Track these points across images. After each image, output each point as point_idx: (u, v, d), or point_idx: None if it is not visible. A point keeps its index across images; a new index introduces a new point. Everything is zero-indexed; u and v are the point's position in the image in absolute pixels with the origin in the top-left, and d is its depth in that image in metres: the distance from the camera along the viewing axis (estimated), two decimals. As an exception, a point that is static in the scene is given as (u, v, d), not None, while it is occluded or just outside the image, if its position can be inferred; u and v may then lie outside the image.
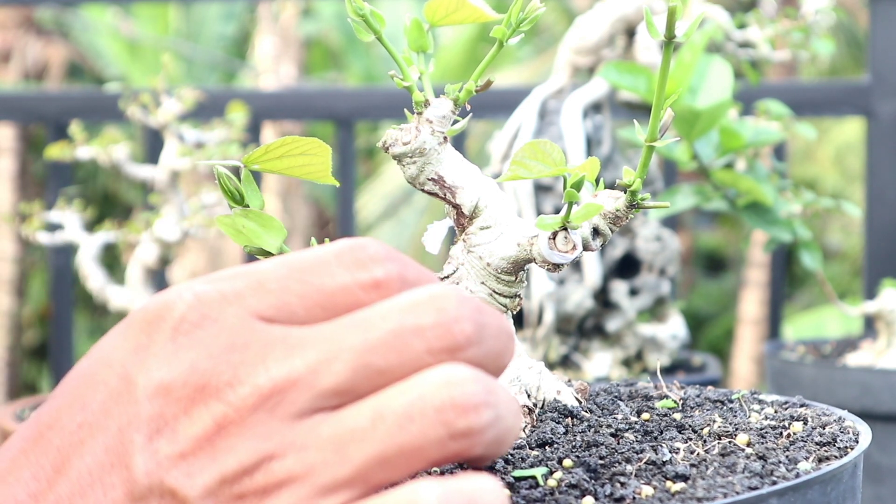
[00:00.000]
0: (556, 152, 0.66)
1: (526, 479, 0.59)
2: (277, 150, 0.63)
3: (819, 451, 0.62)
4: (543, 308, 1.34)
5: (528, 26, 0.70)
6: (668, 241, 1.41)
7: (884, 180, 1.90)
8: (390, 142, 0.71)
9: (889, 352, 1.40)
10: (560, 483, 0.58)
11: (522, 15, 0.70)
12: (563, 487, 0.57)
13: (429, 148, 0.70)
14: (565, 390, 0.71)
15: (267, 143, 0.63)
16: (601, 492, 0.57)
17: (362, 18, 0.70)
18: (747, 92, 1.70)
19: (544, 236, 0.68)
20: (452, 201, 0.72)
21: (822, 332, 4.39)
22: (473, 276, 0.71)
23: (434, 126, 0.71)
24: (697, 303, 6.15)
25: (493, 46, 0.71)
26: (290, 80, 5.83)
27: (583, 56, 1.41)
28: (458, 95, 0.71)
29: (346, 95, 2.13)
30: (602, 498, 0.56)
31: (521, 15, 0.70)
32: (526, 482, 0.59)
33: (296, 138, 0.63)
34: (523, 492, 0.57)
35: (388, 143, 0.71)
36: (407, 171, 0.71)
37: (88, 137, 1.55)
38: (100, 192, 6.03)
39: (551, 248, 0.68)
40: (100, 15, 6.16)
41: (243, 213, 0.64)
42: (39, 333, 5.85)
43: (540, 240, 0.69)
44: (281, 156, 0.63)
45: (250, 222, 0.64)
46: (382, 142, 0.71)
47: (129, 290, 1.51)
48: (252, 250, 0.65)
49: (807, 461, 0.61)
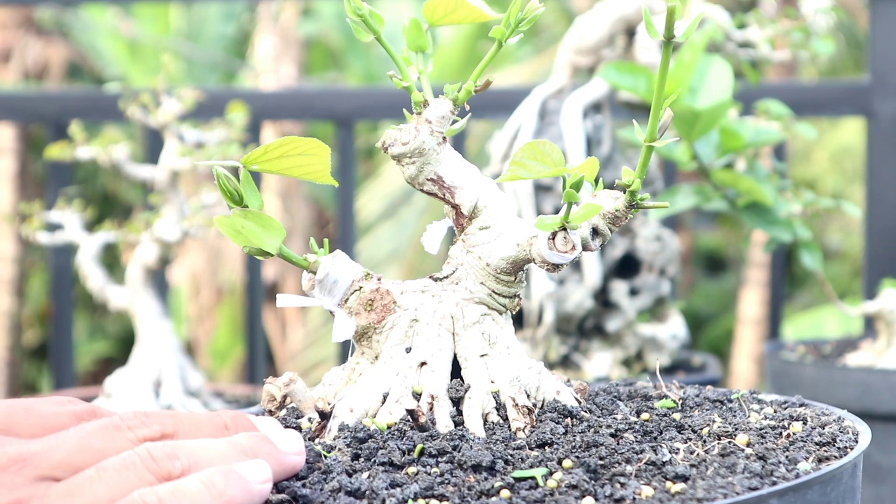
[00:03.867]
0: (556, 152, 0.66)
1: (526, 479, 0.59)
2: (276, 150, 0.63)
3: (819, 452, 0.62)
4: (543, 308, 1.34)
5: (527, 26, 0.70)
6: (668, 241, 1.41)
7: (884, 180, 1.90)
8: (389, 142, 0.71)
9: (889, 352, 1.40)
10: (560, 483, 0.58)
11: (521, 15, 0.70)
12: (562, 488, 0.57)
13: (428, 148, 0.70)
14: (564, 390, 0.71)
15: (266, 144, 0.63)
16: (601, 492, 0.57)
17: (361, 18, 0.70)
18: (747, 92, 1.70)
19: (544, 237, 0.68)
20: (451, 201, 0.72)
21: (821, 332, 4.38)
22: (472, 276, 0.71)
23: (433, 126, 0.71)
24: (697, 303, 6.15)
25: (493, 46, 0.71)
26: (290, 80, 5.82)
27: (583, 56, 1.41)
28: (458, 95, 0.71)
29: (346, 95, 2.13)
30: (602, 498, 0.56)
31: (520, 15, 0.70)
32: (525, 483, 0.59)
33: (295, 138, 0.63)
34: (523, 492, 0.57)
35: (388, 143, 0.71)
36: (406, 171, 0.71)
37: (88, 137, 1.55)
38: (100, 192, 6.03)
39: (551, 249, 0.68)
40: (100, 15, 6.16)
41: (242, 214, 0.64)
42: (39, 333, 5.85)
43: (539, 240, 0.69)
44: (280, 156, 0.64)
45: (249, 223, 0.64)
46: (382, 142, 0.71)
47: (129, 290, 1.51)
48: (251, 250, 0.65)
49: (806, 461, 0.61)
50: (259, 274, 2.07)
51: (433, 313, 0.70)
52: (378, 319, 0.70)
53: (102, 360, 5.91)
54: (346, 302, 0.70)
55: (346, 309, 0.70)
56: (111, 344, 5.99)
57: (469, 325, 0.71)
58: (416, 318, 0.70)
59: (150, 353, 1.49)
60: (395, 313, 0.70)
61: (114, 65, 6.07)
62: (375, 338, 0.70)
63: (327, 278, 0.69)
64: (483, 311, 0.71)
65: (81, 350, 5.62)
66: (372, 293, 0.70)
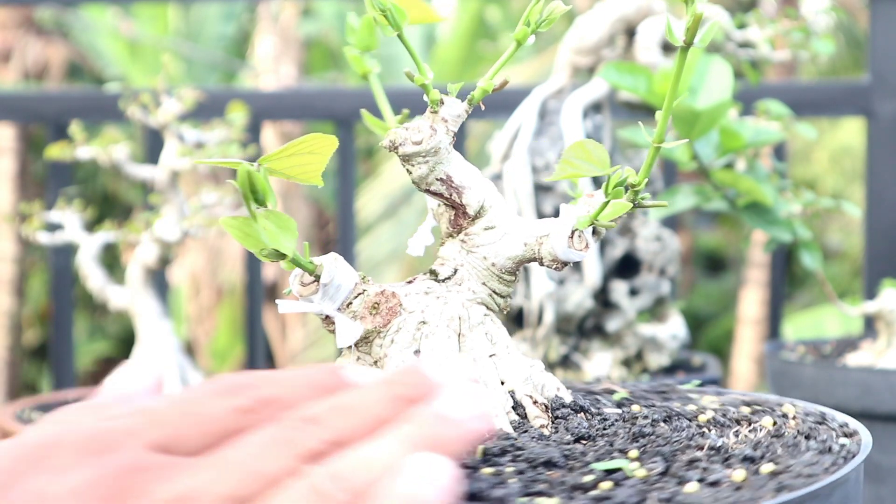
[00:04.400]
0: (600, 151, 0.66)
1: (611, 471, 0.57)
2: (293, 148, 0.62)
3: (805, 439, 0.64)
4: (543, 308, 1.34)
5: (546, 27, 0.70)
6: (668, 241, 1.41)
7: (884, 180, 1.90)
8: (400, 141, 0.69)
9: (889, 352, 1.40)
10: (650, 473, 0.57)
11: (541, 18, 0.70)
12: (654, 476, 0.56)
13: (442, 147, 0.70)
14: (562, 387, 0.72)
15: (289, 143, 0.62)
16: (693, 476, 0.56)
17: (384, 13, 0.68)
18: (747, 92, 1.70)
19: (563, 235, 0.69)
20: (458, 201, 0.71)
21: (821, 332, 4.39)
22: (475, 276, 0.71)
23: (448, 125, 0.70)
24: (697, 303, 6.15)
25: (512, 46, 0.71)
26: (290, 80, 5.83)
27: (583, 56, 1.41)
28: (473, 95, 0.71)
29: (346, 95, 2.13)
30: (700, 484, 0.55)
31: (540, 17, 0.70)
32: (613, 475, 0.57)
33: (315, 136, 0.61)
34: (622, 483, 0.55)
35: (398, 142, 0.69)
36: (416, 170, 0.69)
37: (88, 137, 1.55)
38: (100, 192, 6.03)
39: (569, 247, 0.69)
40: (100, 15, 6.16)
41: (265, 214, 0.61)
42: (39, 333, 5.85)
43: (556, 239, 0.69)
44: (291, 154, 0.62)
45: (269, 223, 0.62)
46: (390, 141, 0.69)
47: (129, 290, 1.51)
48: (266, 253, 0.63)
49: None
50: (259, 274, 2.07)
51: (440, 315, 0.69)
52: (384, 323, 0.68)
53: (102, 360, 5.92)
54: (350, 306, 0.68)
55: (349, 313, 0.68)
56: (111, 344, 5.99)
57: (474, 325, 0.70)
58: (424, 320, 0.69)
59: (151, 353, 1.49)
60: (401, 316, 0.68)
61: (114, 65, 6.07)
62: (377, 342, 0.68)
63: (332, 283, 0.67)
64: (484, 311, 0.71)
65: (81, 350, 5.62)
66: (377, 296, 0.68)
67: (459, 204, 0.71)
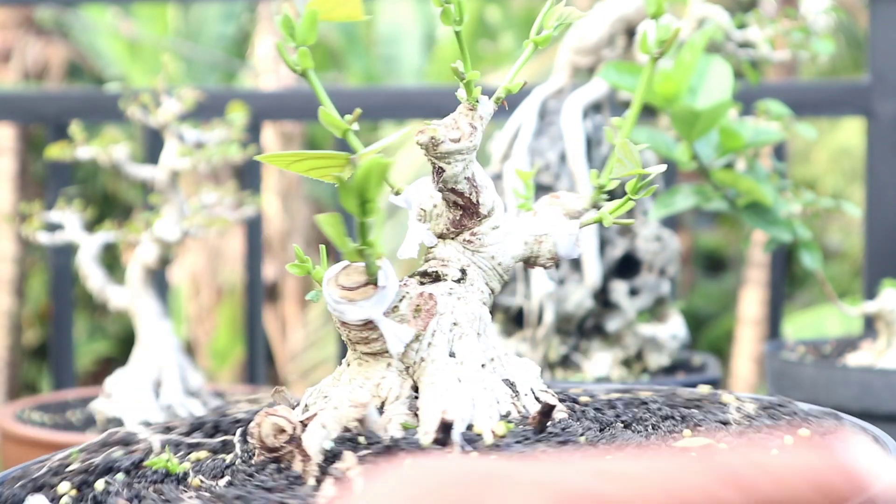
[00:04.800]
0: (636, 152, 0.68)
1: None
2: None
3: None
4: (543, 308, 1.34)
5: (560, 31, 0.70)
6: (668, 241, 1.41)
7: (884, 180, 1.90)
8: (441, 138, 0.66)
9: (889, 352, 1.40)
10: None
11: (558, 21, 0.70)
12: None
13: (476, 146, 0.69)
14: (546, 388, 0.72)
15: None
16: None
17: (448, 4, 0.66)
18: (747, 92, 1.70)
19: (569, 234, 0.69)
20: (476, 201, 0.69)
21: (822, 332, 4.38)
22: (481, 277, 0.71)
23: (483, 123, 0.70)
24: (697, 303, 6.15)
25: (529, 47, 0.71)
26: (290, 80, 5.82)
27: (583, 56, 1.41)
28: (499, 95, 0.71)
29: (346, 95, 2.13)
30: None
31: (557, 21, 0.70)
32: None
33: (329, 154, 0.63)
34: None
35: (439, 139, 0.66)
36: (452, 168, 0.67)
37: (88, 137, 1.55)
38: (100, 192, 6.03)
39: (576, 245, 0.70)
40: (100, 15, 6.16)
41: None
42: (39, 333, 5.85)
43: (563, 237, 0.70)
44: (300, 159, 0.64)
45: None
46: (430, 138, 0.66)
47: (129, 290, 1.51)
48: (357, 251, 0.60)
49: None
50: (259, 274, 2.07)
51: (466, 316, 0.68)
52: (424, 326, 0.66)
53: (102, 360, 5.91)
54: (396, 309, 0.65)
55: (396, 316, 0.65)
56: (111, 344, 5.99)
57: (488, 325, 0.70)
58: (456, 321, 0.67)
59: (151, 353, 1.49)
60: (435, 317, 0.66)
61: (114, 65, 6.07)
62: (413, 345, 0.65)
63: (389, 286, 0.64)
64: (487, 311, 0.71)
65: (81, 350, 5.62)
66: (418, 298, 0.66)
67: (474, 203, 0.69)
